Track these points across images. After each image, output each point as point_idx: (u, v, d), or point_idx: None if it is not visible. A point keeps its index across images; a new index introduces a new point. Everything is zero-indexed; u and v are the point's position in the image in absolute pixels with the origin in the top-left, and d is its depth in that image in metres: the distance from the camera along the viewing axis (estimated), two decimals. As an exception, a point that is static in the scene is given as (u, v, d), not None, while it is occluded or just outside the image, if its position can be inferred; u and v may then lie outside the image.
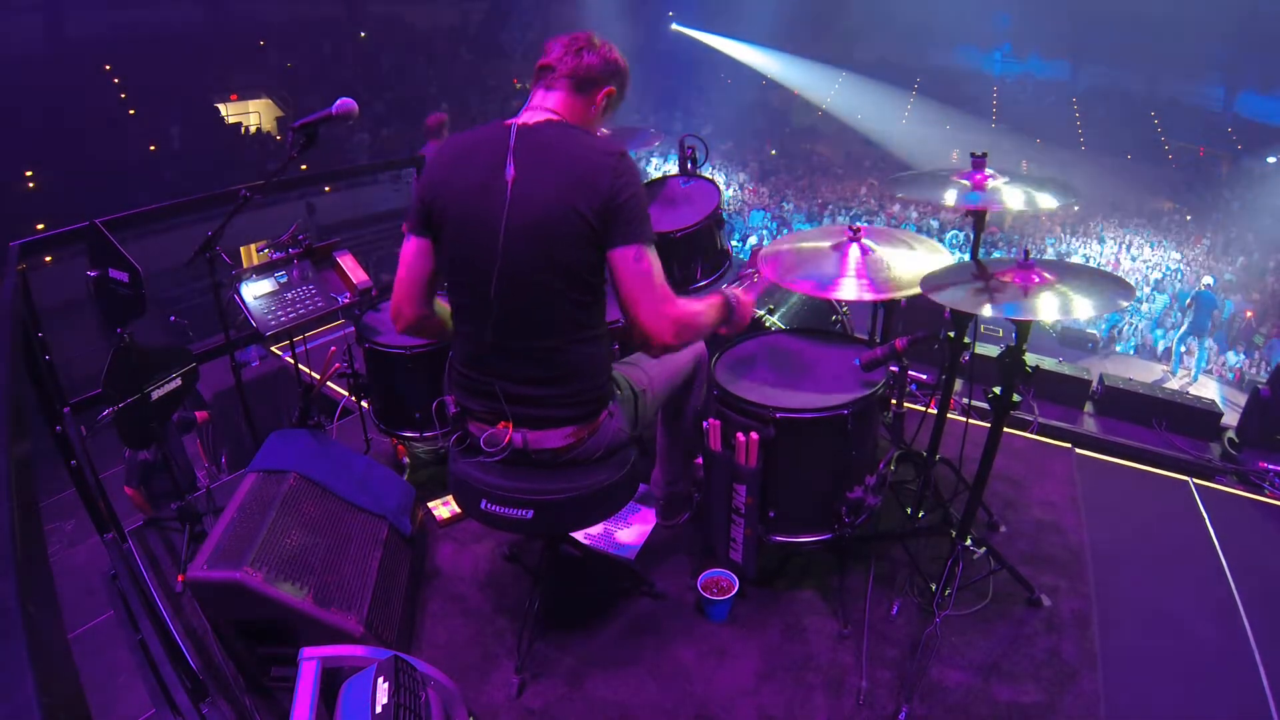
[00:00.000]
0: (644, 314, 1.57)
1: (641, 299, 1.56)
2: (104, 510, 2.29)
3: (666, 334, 1.60)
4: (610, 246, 1.55)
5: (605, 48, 1.67)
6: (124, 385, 2.22)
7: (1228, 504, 2.93)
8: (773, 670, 1.92)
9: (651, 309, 1.57)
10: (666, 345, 1.62)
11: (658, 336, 1.59)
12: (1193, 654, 2.16)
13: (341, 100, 2.12)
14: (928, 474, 2.36)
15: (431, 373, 2.47)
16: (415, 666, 1.45)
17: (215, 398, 5.14)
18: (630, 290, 1.56)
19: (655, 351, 1.65)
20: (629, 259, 1.54)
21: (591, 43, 1.66)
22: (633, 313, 1.58)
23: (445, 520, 2.51)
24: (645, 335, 1.60)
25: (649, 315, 1.57)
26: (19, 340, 1.83)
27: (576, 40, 1.65)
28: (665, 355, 1.74)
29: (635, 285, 1.56)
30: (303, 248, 2.56)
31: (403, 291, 1.72)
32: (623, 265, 1.55)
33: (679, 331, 1.62)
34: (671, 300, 1.60)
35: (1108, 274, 1.77)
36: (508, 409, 1.68)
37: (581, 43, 1.65)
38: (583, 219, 1.51)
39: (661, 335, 1.59)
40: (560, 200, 1.51)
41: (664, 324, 1.58)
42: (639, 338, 1.62)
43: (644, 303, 1.57)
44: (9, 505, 0.99)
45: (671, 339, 1.61)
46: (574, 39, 1.66)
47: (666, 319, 1.58)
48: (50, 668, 0.80)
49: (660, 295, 1.57)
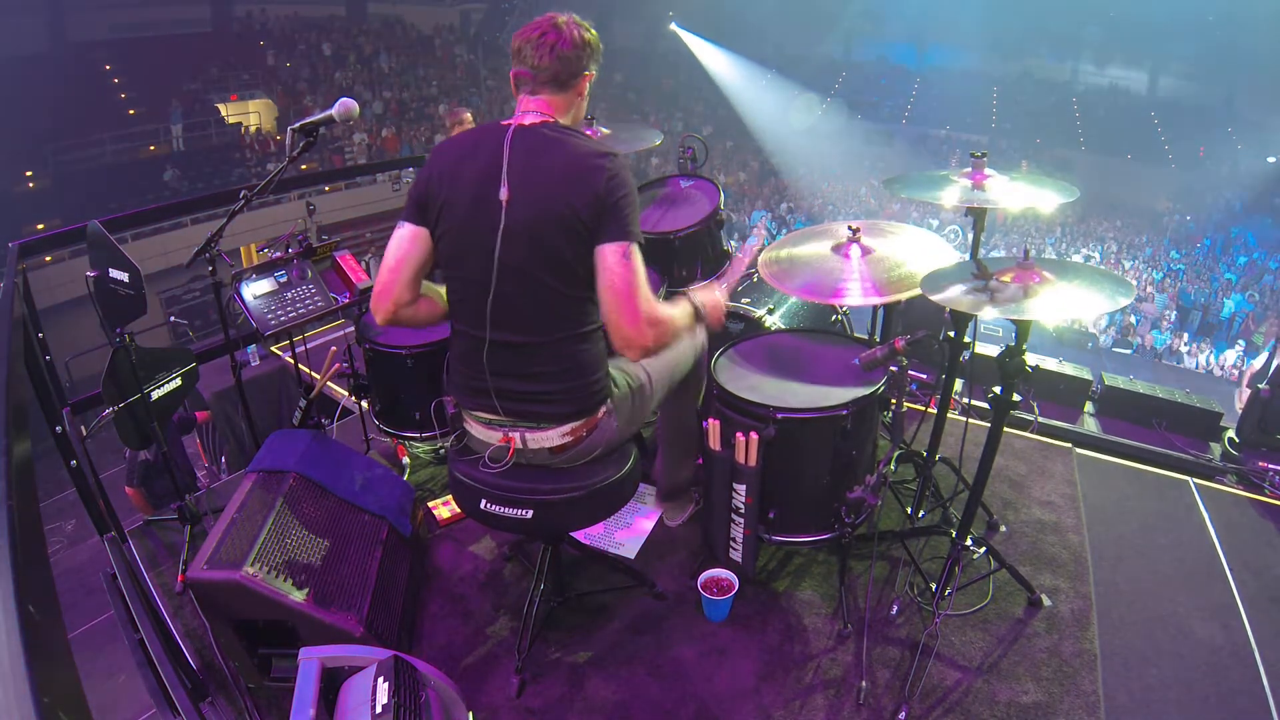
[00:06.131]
0: (625, 312, 1.54)
1: (622, 297, 1.54)
2: (104, 510, 2.29)
3: (646, 336, 1.57)
4: (599, 242, 1.54)
5: (571, 29, 1.60)
6: (124, 385, 2.22)
7: (1228, 504, 2.93)
8: (773, 670, 1.92)
9: (631, 308, 1.54)
10: (645, 348, 1.59)
11: (638, 337, 1.56)
12: (1193, 654, 2.16)
13: (341, 100, 2.12)
14: (928, 474, 2.36)
15: (431, 373, 2.47)
16: (415, 666, 1.45)
17: (215, 398, 5.13)
18: (612, 286, 1.54)
19: (634, 353, 1.60)
20: (616, 255, 1.53)
21: (559, 31, 1.59)
22: (613, 310, 1.55)
23: (445, 520, 2.51)
24: (625, 335, 1.57)
25: (629, 314, 1.54)
26: (19, 340, 1.83)
27: (545, 36, 1.59)
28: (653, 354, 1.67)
29: (618, 282, 1.53)
30: (303, 248, 2.56)
31: (389, 276, 1.68)
32: (608, 261, 1.53)
33: (658, 335, 1.59)
34: (652, 302, 1.57)
35: (1107, 273, 1.77)
36: (499, 404, 1.68)
37: (551, 36, 1.58)
38: (576, 216, 1.52)
39: (641, 337, 1.56)
40: (555, 200, 1.52)
41: (643, 325, 1.55)
42: (618, 338, 1.58)
43: (625, 301, 1.54)
44: (9, 505, 0.99)
45: (650, 341, 1.58)
46: (543, 35, 1.59)
47: (645, 320, 1.55)
48: (50, 668, 0.80)
49: (642, 295, 1.55)
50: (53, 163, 11.83)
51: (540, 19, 1.62)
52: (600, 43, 1.68)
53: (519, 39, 1.63)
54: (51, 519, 5.57)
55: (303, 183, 8.16)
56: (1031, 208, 2.00)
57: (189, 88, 14.25)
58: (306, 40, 16.80)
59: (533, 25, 1.62)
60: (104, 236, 2.14)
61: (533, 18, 1.67)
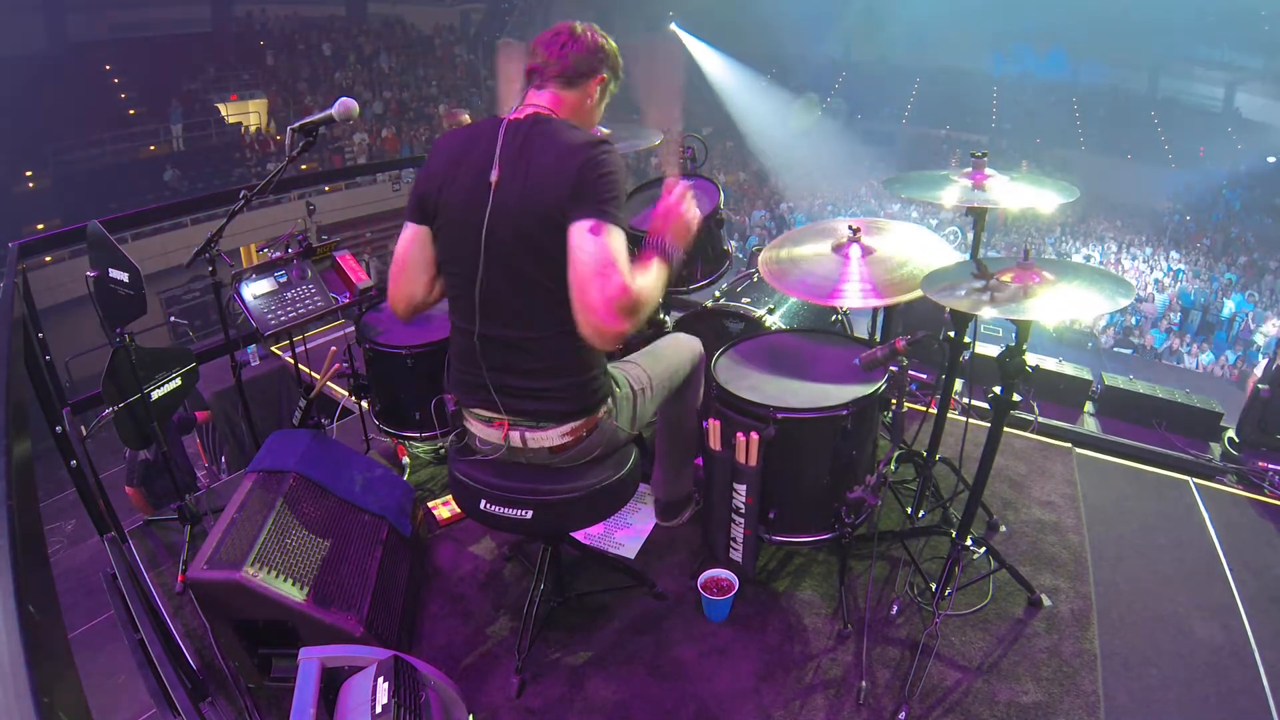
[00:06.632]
0: (586, 297, 1.43)
1: (583, 280, 1.43)
2: (104, 510, 2.29)
3: (615, 323, 1.43)
4: (570, 218, 1.46)
5: (589, 35, 1.65)
6: (124, 385, 2.22)
7: (1228, 504, 2.93)
8: (773, 670, 1.92)
9: (594, 292, 1.42)
10: (617, 334, 1.45)
11: (605, 323, 1.43)
12: (1193, 654, 2.16)
13: (341, 100, 2.12)
14: (928, 474, 2.36)
15: (431, 373, 2.47)
16: (415, 666, 1.45)
17: (215, 398, 5.13)
18: (573, 267, 1.44)
19: (604, 341, 1.48)
20: (581, 231, 1.44)
21: (574, 34, 1.64)
22: (575, 295, 1.45)
23: (445, 520, 2.51)
24: (589, 322, 1.44)
25: (591, 299, 1.42)
26: (19, 340, 1.83)
27: (559, 35, 1.64)
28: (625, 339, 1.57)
29: (579, 263, 1.43)
30: (303, 248, 2.55)
31: (397, 276, 1.73)
32: (573, 239, 1.44)
33: (632, 311, 1.45)
34: (625, 284, 1.42)
35: (1107, 273, 1.77)
36: (499, 399, 1.67)
37: (564, 37, 1.63)
38: (559, 205, 1.50)
39: (608, 323, 1.43)
40: (539, 192, 1.51)
41: (611, 310, 1.42)
42: (584, 326, 1.46)
43: (586, 284, 1.43)
44: (9, 505, 0.99)
45: (623, 327, 1.44)
46: (557, 34, 1.64)
47: (614, 306, 1.42)
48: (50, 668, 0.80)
49: (608, 279, 1.41)
50: (53, 163, 11.82)
51: (560, 24, 1.66)
52: (620, 56, 1.70)
53: (536, 40, 1.66)
54: (51, 519, 5.57)
55: (303, 183, 8.15)
56: (1031, 208, 1.99)
57: (189, 88, 14.23)
58: (306, 40, 16.79)
59: (552, 29, 1.65)
60: (104, 236, 2.14)
61: (533, 18, 1.68)
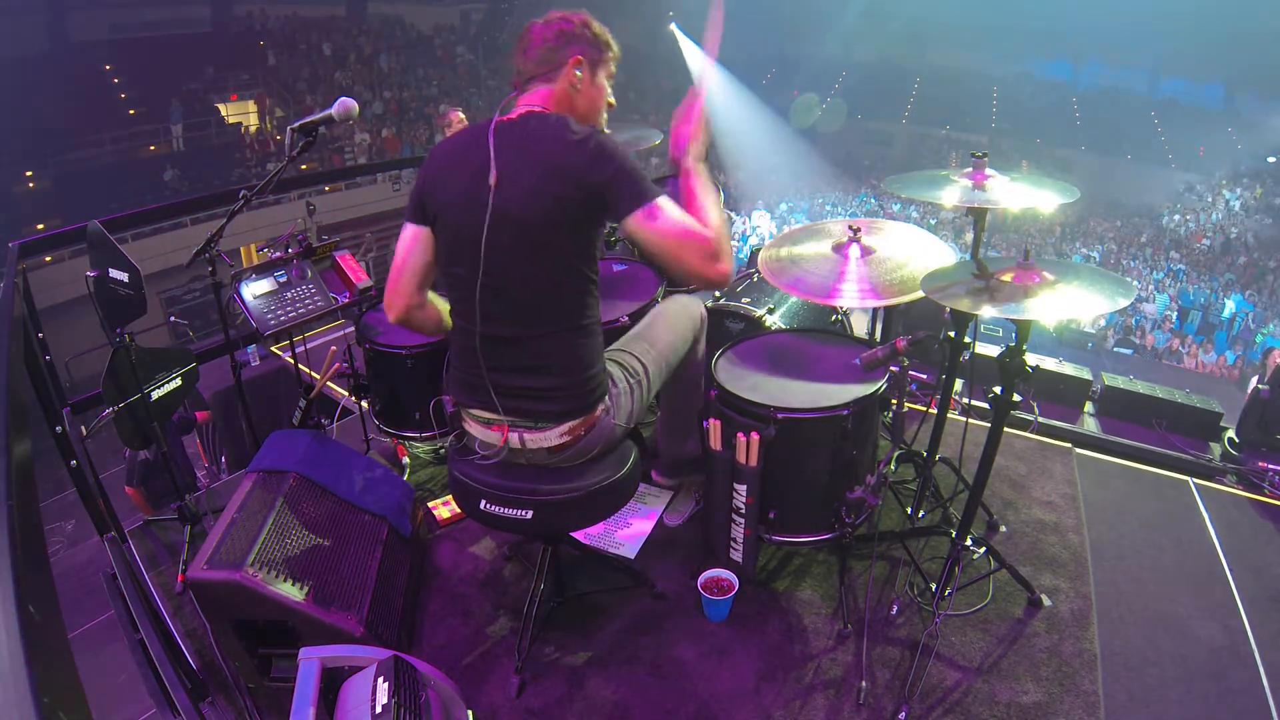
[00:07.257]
0: (690, 261, 1.54)
1: (680, 250, 1.54)
2: (104, 510, 2.29)
3: (718, 268, 1.56)
4: (620, 217, 1.54)
5: (551, 24, 1.65)
6: (124, 385, 2.22)
7: (1228, 504, 2.93)
8: (773, 670, 1.92)
9: (694, 253, 1.54)
10: (726, 270, 1.58)
11: (716, 275, 1.56)
12: (1193, 654, 2.16)
13: (341, 100, 2.12)
14: (928, 474, 2.36)
15: (431, 373, 2.47)
16: (415, 666, 1.45)
17: (215, 398, 5.14)
18: (663, 247, 1.54)
19: (724, 282, 1.63)
20: (640, 222, 1.53)
21: (533, 29, 1.66)
22: (678, 266, 1.56)
23: (445, 520, 2.51)
24: (704, 279, 1.57)
25: (695, 261, 1.54)
26: (19, 340, 1.83)
27: (523, 38, 1.66)
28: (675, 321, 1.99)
29: (667, 241, 1.53)
30: (302, 248, 2.55)
31: (397, 278, 1.74)
32: (643, 228, 1.53)
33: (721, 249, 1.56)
34: (704, 235, 1.55)
35: (1108, 273, 1.77)
36: (497, 401, 1.68)
37: (527, 38, 1.66)
38: (561, 205, 1.52)
39: (717, 271, 1.56)
40: (539, 190, 1.52)
41: (710, 261, 1.54)
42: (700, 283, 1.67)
43: (686, 251, 1.54)
44: (9, 505, 0.99)
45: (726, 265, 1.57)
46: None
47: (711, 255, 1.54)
48: (50, 668, 0.80)
49: (694, 237, 1.54)
50: (53, 163, 11.81)
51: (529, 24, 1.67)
52: (602, 32, 1.70)
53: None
54: (51, 519, 5.58)
55: (303, 183, 8.15)
56: (1031, 208, 1.99)
57: (189, 88, 14.23)
58: (306, 40, 16.78)
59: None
60: (104, 236, 2.14)
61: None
